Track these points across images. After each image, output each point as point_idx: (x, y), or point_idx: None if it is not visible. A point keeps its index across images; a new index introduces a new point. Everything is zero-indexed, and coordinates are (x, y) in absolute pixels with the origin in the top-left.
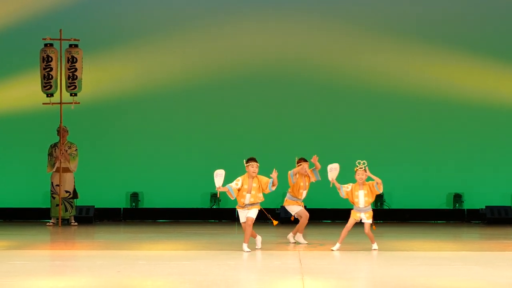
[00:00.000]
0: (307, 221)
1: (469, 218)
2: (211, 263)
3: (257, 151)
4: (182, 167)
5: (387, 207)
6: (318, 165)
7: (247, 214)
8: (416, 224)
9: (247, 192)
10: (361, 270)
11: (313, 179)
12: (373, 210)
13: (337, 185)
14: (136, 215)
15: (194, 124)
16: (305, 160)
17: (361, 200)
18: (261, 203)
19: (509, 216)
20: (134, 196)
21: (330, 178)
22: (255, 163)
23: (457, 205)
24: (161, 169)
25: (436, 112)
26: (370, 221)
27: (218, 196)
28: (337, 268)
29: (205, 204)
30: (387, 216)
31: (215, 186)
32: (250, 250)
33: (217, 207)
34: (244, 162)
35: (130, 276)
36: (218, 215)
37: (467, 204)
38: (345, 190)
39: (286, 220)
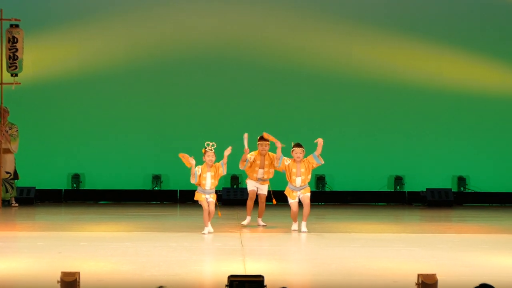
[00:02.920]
0: (261, 204)
1: (410, 200)
2: (153, 244)
3: (201, 133)
4: (124, 148)
5: (329, 189)
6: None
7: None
8: (357, 206)
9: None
10: (302, 251)
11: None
12: (314, 192)
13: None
14: (78, 196)
15: (137, 106)
16: (265, 140)
17: (208, 182)
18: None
19: (449, 198)
20: (76, 177)
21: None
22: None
23: (398, 188)
24: (103, 150)
25: (378, 94)
26: (214, 200)
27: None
28: (279, 249)
29: (147, 185)
30: (329, 198)
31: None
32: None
33: (159, 188)
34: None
35: (71, 257)
36: (160, 196)
37: (408, 187)
38: (197, 174)
39: (228, 202)
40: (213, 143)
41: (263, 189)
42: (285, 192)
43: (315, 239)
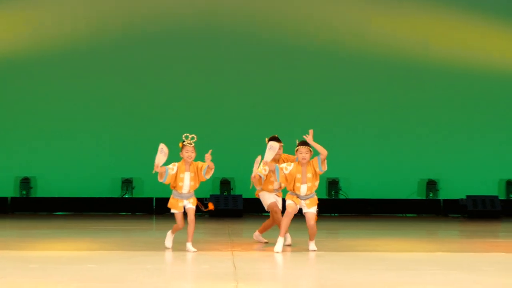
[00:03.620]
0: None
1: (447, 210)
2: (123, 266)
3: (182, 128)
4: (85, 146)
5: (344, 197)
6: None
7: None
8: (380, 218)
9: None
10: (310, 275)
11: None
12: (325, 200)
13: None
14: (28, 206)
15: (102, 93)
16: (279, 140)
17: (185, 184)
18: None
19: (495, 208)
20: (25, 182)
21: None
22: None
23: (431, 195)
24: (59, 149)
25: (406, 82)
26: (194, 207)
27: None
28: (280, 273)
29: (115, 192)
30: (344, 208)
31: (127, 171)
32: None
33: (130, 196)
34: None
35: (19, 284)
36: (132, 206)
37: (444, 193)
38: (169, 172)
39: (218, 213)
40: (193, 135)
41: (280, 202)
42: (286, 198)
43: (326, 259)
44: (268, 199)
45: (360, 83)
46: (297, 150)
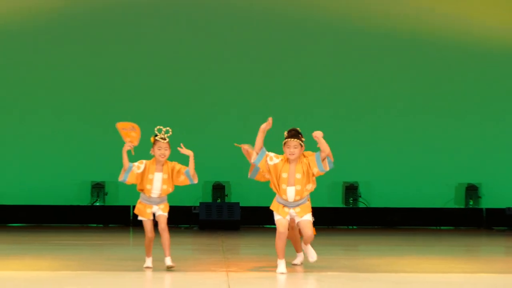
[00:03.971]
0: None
1: (490, 221)
2: None
3: (163, 119)
4: (47, 145)
5: (365, 206)
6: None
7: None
8: (408, 231)
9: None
10: None
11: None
12: (341, 209)
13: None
14: None
15: (64, 84)
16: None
17: (155, 187)
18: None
19: None
20: None
21: None
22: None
23: (471, 203)
24: (16, 148)
25: (440, 68)
26: (166, 214)
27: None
28: None
29: (84, 199)
30: (365, 218)
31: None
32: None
33: (102, 204)
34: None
35: None
36: (104, 216)
37: (487, 201)
38: (133, 170)
39: (210, 224)
40: (167, 128)
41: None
42: (271, 207)
43: (342, 282)
44: None
45: (384, 72)
46: (284, 143)
